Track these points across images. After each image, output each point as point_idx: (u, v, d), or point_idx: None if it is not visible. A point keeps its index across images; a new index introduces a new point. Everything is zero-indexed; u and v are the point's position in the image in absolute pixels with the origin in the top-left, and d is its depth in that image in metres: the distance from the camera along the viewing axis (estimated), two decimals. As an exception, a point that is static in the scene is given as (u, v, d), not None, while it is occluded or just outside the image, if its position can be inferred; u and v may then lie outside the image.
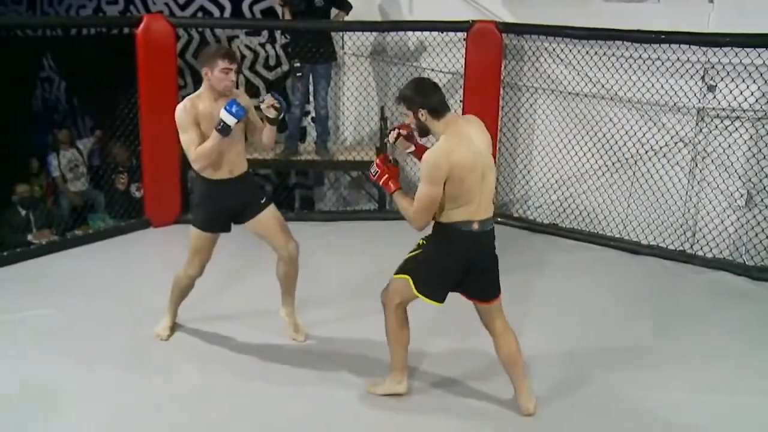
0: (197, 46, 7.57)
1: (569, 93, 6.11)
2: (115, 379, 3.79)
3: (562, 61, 6.09)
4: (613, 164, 5.98)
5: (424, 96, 3.23)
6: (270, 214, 4.06)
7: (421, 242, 3.45)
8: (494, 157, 3.96)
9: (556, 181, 6.28)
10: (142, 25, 5.84)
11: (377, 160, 3.45)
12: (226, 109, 3.68)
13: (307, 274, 5.17)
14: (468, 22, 6.16)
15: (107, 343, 4.15)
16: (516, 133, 6.46)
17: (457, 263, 3.33)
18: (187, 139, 3.78)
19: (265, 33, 7.51)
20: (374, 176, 3.43)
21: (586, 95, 6.03)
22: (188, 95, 3.92)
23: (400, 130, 3.48)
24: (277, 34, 7.43)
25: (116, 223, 6.51)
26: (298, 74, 6.47)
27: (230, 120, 3.68)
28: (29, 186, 6.99)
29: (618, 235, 5.94)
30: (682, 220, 5.73)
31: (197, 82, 7.62)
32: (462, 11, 6.41)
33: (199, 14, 7.64)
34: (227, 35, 7.55)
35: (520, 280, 5.17)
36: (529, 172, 6.48)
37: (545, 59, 6.19)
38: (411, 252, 3.46)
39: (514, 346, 3.49)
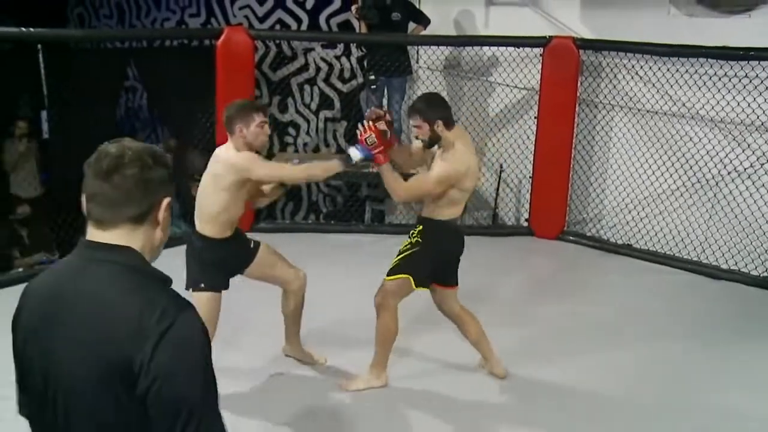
0: (274, 57, 7.72)
1: (647, 111, 5.96)
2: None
3: (641, 78, 5.95)
4: (692, 185, 5.79)
5: (442, 110, 3.54)
6: (266, 250, 3.81)
7: (411, 241, 3.65)
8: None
9: (632, 201, 6.12)
10: (222, 37, 5.99)
11: (372, 131, 3.45)
12: (358, 147, 3.50)
13: (375, 285, 5.21)
14: (545, 37, 6.09)
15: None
16: (591, 150, 6.33)
17: (447, 254, 3.68)
18: (272, 164, 3.56)
19: (341, 45, 7.59)
20: (370, 146, 3.48)
21: (665, 113, 5.87)
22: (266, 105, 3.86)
23: (386, 119, 3.55)
24: (353, 46, 7.50)
25: (190, 228, 6.64)
26: (372, 87, 6.50)
27: (357, 156, 3.49)
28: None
29: (696, 259, 5.74)
30: (767, 244, 5.49)
31: (273, 93, 7.78)
32: (539, 26, 6.34)
33: (277, 27, 7.78)
34: (303, 47, 7.66)
35: (591, 302, 5.06)
36: (603, 191, 6.34)
37: (623, 76, 6.05)
38: (402, 252, 3.66)
39: (478, 325, 3.84)
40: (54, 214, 5.59)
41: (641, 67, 5.91)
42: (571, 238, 6.32)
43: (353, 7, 6.52)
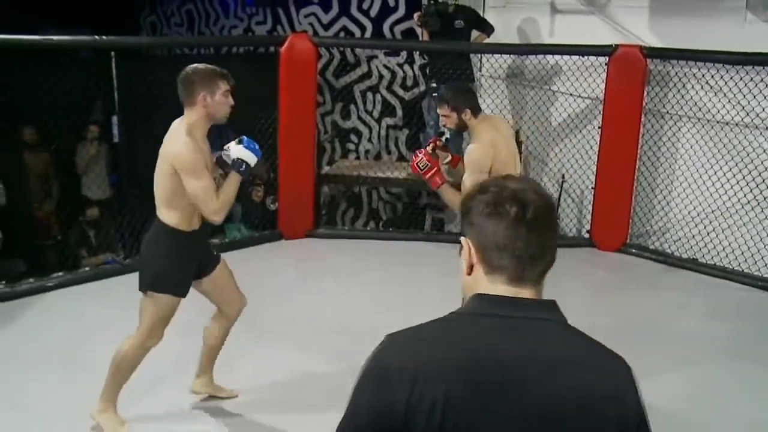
0: (338, 64, 7.80)
1: (717, 122, 5.76)
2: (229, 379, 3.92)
3: (711, 87, 5.75)
4: (764, 198, 5.57)
5: (469, 99, 3.70)
6: (225, 264, 3.48)
7: None
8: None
9: (698, 214, 5.92)
10: (286, 44, 6.08)
11: (422, 155, 3.63)
12: (244, 145, 3.15)
13: (433, 294, 5.19)
14: (611, 46, 5.97)
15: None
16: (656, 162, 6.16)
17: None
18: (205, 185, 3.03)
19: (403, 53, 7.61)
20: (422, 170, 3.61)
21: (737, 124, 5.67)
22: (326, 113, 3.84)
23: (436, 143, 3.81)
24: (416, 54, 7.51)
25: (251, 233, 6.77)
26: (434, 95, 6.50)
27: (253, 159, 3.15)
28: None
29: (767, 275, 5.52)
30: (843, 263, 5.24)
31: (335, 99, 7.85)
32: (605, 34, 6.22)
33: (341, 34, 7.86)
34: (366, 55, 7.71)
35: (654, 318, 4.91)
36: (669, 203, 6.15)
37: (692, 86, 5.87)
38: None
39: None
40: (120, 216, 5.76)
41: (712, 77, 5.72)
42: (633, 250, 6.16)
43: (415, 15, 6.53)
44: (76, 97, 5.92)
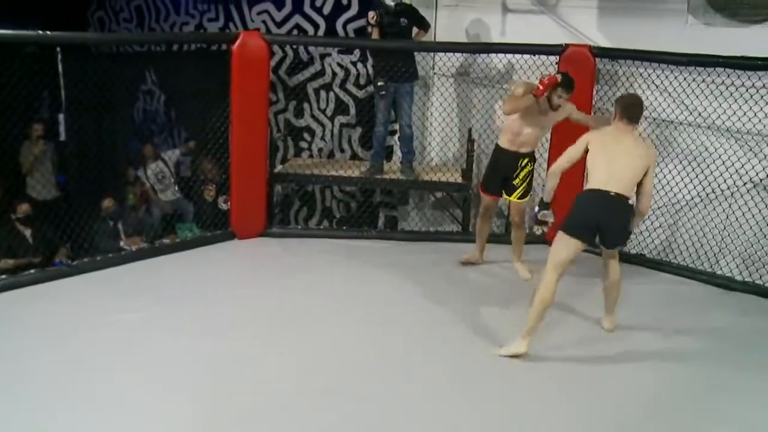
0: (290, 62, 7.75)
1: (663, 120, 5.91)
2: (189, 385, 3.88)
3: (657, 87, 5.90)
4: (707, 195, 5.73)
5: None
6: None
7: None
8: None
9: (645, 211, 6.05)
10: (238, 42, 6.01)
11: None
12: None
13: (385, 291, 5.21)
14: (561, 45, 6.06)
15: (181, 350, 4.26)
16: (605, 159, 6.27)
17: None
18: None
19: (357, 51, 7.60)
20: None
21: (681, 123, 5.82)
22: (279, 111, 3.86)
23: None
24: (368, 52, 7.50)
25: (203, 233, 6.69)
26: (381, 93, 6.52)
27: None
28: (113, 199, 7.00)
29: (710, 270, 5.68)
30: (782, 257, 5.42)
31: (288, 98, 7.81)
32: (555, 34, 6.32)
33: (295, 32, 7.81)
34: (320, 53, 7.68)
35: (601, 312, 5.00)
36: (617, 200, 6.28)
37: (639, 85, 6.00)
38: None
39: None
40: (67, 216, 5.61)
41: (657, 77, 5.86)
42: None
43: (370, 13, 6.52)
44: (20, 94, 5.75)
